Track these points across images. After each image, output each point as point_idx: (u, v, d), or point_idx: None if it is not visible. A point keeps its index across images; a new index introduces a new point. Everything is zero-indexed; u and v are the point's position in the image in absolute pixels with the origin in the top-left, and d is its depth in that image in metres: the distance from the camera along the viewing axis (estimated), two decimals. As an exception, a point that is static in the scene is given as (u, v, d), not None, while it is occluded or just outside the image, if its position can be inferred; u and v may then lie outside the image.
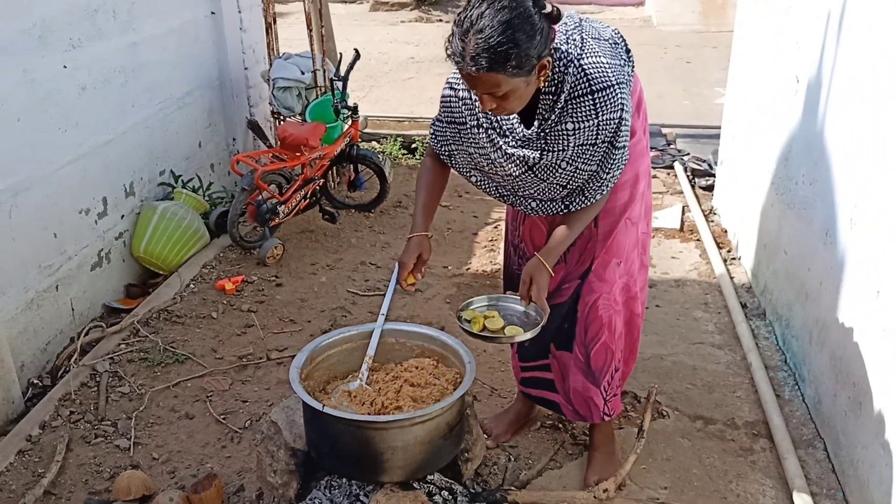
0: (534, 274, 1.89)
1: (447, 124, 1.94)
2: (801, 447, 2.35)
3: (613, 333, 2.10)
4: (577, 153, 1.80)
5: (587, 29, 1.84)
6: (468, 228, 4.05)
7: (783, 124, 3.01)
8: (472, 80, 1.65)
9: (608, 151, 1.82)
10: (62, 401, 2.55)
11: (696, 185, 4.55)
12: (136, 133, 3.46)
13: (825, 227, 2.47)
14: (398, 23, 10.13)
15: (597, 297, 2.06)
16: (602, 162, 1.84)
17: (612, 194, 2.00)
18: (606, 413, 2.20)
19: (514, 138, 1.83)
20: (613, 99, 1.75)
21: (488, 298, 2.02)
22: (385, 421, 1.80)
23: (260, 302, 3.24)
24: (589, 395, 2.16)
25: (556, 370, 2.22)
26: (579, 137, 1.77)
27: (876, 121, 2.13)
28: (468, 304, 2.01)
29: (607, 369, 2.14)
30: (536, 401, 2.34)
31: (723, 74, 7.15)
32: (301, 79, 4.05)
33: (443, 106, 1.93)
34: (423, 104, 6.35)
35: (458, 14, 1.65)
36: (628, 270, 2.09)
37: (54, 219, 2.93)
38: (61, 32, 2.93)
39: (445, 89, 1.91)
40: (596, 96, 1.73)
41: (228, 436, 2.43)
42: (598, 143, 1.79)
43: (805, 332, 2.61)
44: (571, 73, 1.74)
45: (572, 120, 1.75)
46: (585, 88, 1.74)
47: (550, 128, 1.78)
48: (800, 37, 2.87)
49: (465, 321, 1.94)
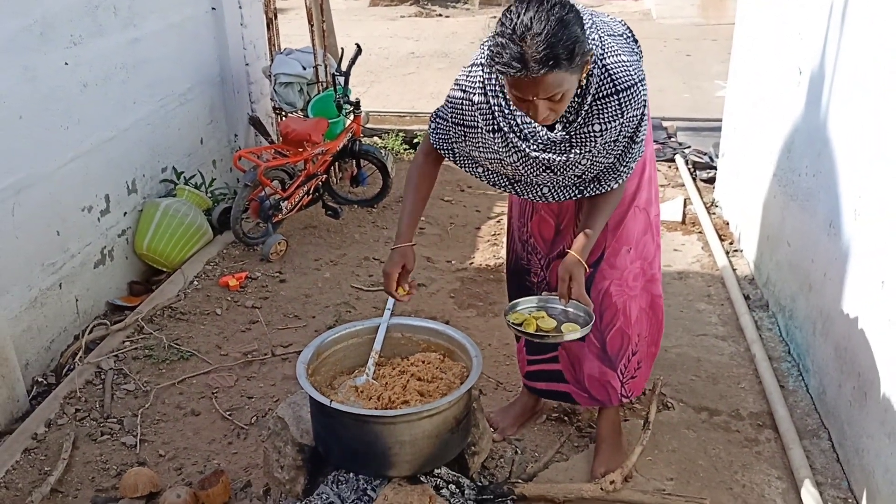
0: (572, 271, 1.87)
1: (453, 124, 1.90)
2: (805, 437, 2.35)
3: (629, 318, 2.12)
4: (600, 151, 1.81)
5: (600, 26, 1.84)
6: (471, 223, 4.05)
7: (785, 116, 3.01)
8: (532, 86, 1.59)
9: (627, 146, 1.84)
10: (67, 399, 2.56)
11: (697, 178, 4.55)
12: (138, 130, 3.46)
13: (829, 219, 2.47)
14: (398, 18, 10.11)
15: (608, 283, 2.08)
16: (621, 155, 1.85)
17: None
18: (624, 395, 2.22)
19: (537, 142, 1.80)
20: (637, 97, 1.75)
21: (537, 300, 1.99)
22: (393, 415, 1.80)
23: (264, 298, 3.24)
24: (606, 380, 2.18)
25: (565, 360, 2.22)
26: (606, 138, 1.78)
27: (879, 112, 2.13)
28: (514, 307, 1.98)
29: (623, 353, 2.17)
30: (543, 394, 2.35)
31: (723, 67, 7.16)
32: (302, 74, 4.04)
33: (451, 107, 1.88)
34: (424, 99, 6.34)
35: (502, 24, 1.59)
36: (642, 254, 2.11)
37: (57, 216, 2.93)
38: (62, 29, 2.93)
39: (455, 91, 1.86)
40: (621, 96, 1.73)
41: (234, 432, 2.43)
42: (619, 139, 1.80)
43: (809, 322, 2.62)
44: (596, 73, 1.73)
45: (599, 121, 1.75)
46: (610, 88, 1.73)
47: (577, 130, 1.77)
48: (802, 28, 2.87)
49: (516, 325, 1.91)
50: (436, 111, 1.96)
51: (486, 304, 3.23)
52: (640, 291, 2.14)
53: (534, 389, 2.35)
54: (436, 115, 1.96)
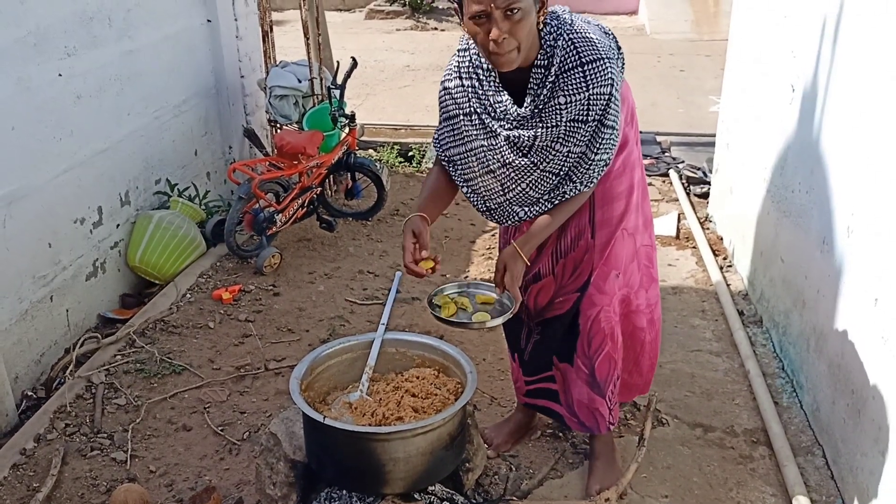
0: (507, 262, 1.89)
1: (443, 122, 1.95)
2: (800, 454, 2.35)
3: (616, 343, 2.10)
4: (568, 130, 1.79)
5: (577, 19, 1.86)
6: (465, 236, 4.05)
7: (779, 133, 3.03)
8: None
9: (597, 130, 1.80)
10: (57, 413, 2.52)
11: (691, 193, 4.57)
12: (132, 141, 3.45)
13: (822, 235, 2.49)
14: (393, 31, 10.15)
15: (598, 310, 2.05)
16: (591, 141, 1.81)
17: (608, 205, 2.00)
18: (612, 422, 2.20)
19: (509, 120, 1.83)
20: (603, 72, 1.75)
21: (459, 285, 2.02)
22: (386, 432, 1.79)
23: (257, 311, 3.23)
24: (595, 407, 2.16)
25: (560, 381, 2.21)
26: (571, 112, 1.77)
27: (872, 129, 2.15)
28: (440, 291, 1.99)
29: (611, 379, 2.15)
30: (542, 410, 2.33)
31: (716, 83, 7.23)
32: (298, 87, 4.05)
33: (439, 105, 1.95)
34: (420, 112, 6.36)
35: None
36: (628, 282, 2.08)
37: (49, 228, 2.91)
38: (56, 41, 2.92)
39: (440, 89, 1.93)
40: (586, 69, 1.74)
41: (227, 447, 2.41)
42: (588, 121, 1.78)
43: (803, 339, 2.62)
44: (561, 45, 1.76)
45: (564, 94, 1.76)
46: (575, 61, 1.75)
47: (544, 104, 1.79)
48: (795, 45, 2.89)
49: (436, 306, 1.92)
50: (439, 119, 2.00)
51: (480, 319, 3.22)
52: (621, 317, 2.13)
53: (533, 406, 2.34)
54: (437, 127, 2.00)
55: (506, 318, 1.88)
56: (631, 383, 2.25)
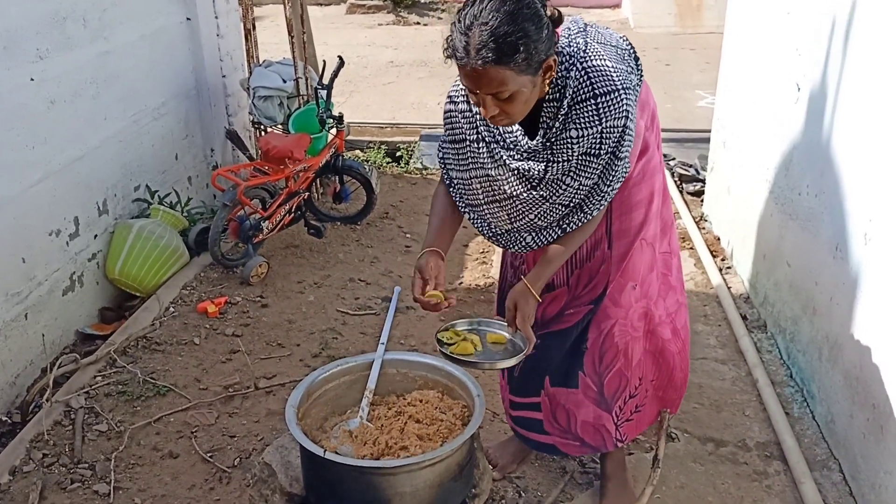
0: (518, 300, 1.78)
1: (448, 143, 1.83)
2: (815, 468, 2.27)
3: (630, 360, 1.99)
4: (580, 164, 1.68)
5: (592, 34, 1.74)
6: (458, 240, 3.92)
7: (782, 133, 2.95)
8: (476, 78, 1.52)
9: (610, 162, 1.70)
10: (34, 442, 2.37)
11: (683, 191, 4.49)
12: (109, 147, 3.28)
13: (834, 241, 2.40)
14: (375, 25, 9.97)
15: (612, 323, 1.95)
16: (603, 174, 1.71)
17: (627, 214, 1.89)
18: (619, 438, 2.09)
19: (518, 151, 1.71)
20: (618, 104, 1.63)
21: (469, 322, 1.90)
22: (392, 466, 1.67)
23: (245, 325, 3.08)
24: (601, 423, 2.05)
25: (546, 408, 2.07)
26: (583, 146, 1.66)
27: (891, 131, 2.06)
28: (451, 326, 1.88)
29: (620, 395, 2.04)
30: (529, 443, 2.19)
31: (703, 77, 7.19)
32: (283, 87, 3.90)
33: (445, 123, 1.82)
34: (405, 109, 6.22)
35: (457, 14, 1.54)
36: (646, 293, 1.97)
37: (22, 242, 2.74)
38: (27, 43, 2.75)
39: (446, 104, 1.80)
40: (599, 101, 1.63)
41: (216, 476, 2.28)
42: (601, 154, 1.67)
43: (814, 347, 2.54)
44: (574, 76, 1.63)
45: (576, 126, 1.65)
46: (588, 93, 1.63)
47: (556, 136, 1.67)
48: (800, 43, 2.81)
49: (445, 344, 1.81)
50: (442, 136, 1.87)
51: (477, 328, 3.11)
52: (645, 333, 2.01)
53: (521, 437, 2.20)
54: (441, 139, 1.87)
55: (519, 360, 1.76)
56: (665, 399, 2.14)
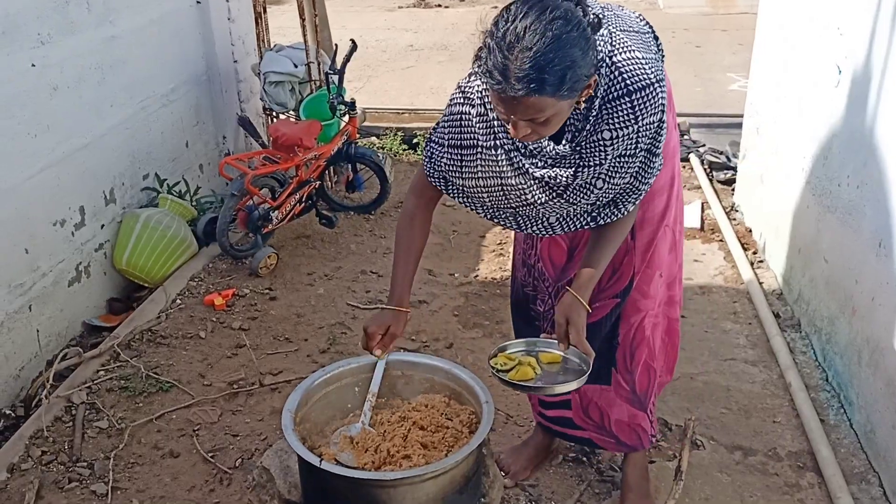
0: (569, 314, 1.63)
1: (450, 148, 1.63)
2: (852, 482, 2.12)
3: (654, 350, 1.91)
4: (614, 166, 1.54)
5: (611, 19, 1.58)
6: (475, 230, 3.79)
7: (821, 119, 2.75)
8: (511, 104, 1.37)
9: (646, 160, 1.57)
10: (33, 439, 2.31)
11: (713, 180, 4.29)
12: (116, 135, 3.20)
13: (877, 237, 2.22)
14: (395, 8, 9.80)
15: (643, 316, 1.85)
16: (639, 172, 1.59)
17: (650, 201, 1.76)
18: (654, 434, 2.02)
19: (543, 158, 1.55)
20: (654, 99, 1.49)
21: (519, 344, 1.76)
22: (392, 479, 1.57)
23: (252, 318, 3.00)
24: (637, 423, 1.97)
25: (576, 405, 2.00)
26: (618, 148, 1.51)
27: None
28: (502, 349, 1.74)
29: (651, 390, 1.97)
30: (564, 437, 2.12)
31: (735, 59, 6.90)
32: (294, 72, 3.78)
33: (448, 125, 1.62)
34: (424, 94, 6.07)
35: (496, 24, 1.37)
36: (668, 277, 1.89)
37: (25, 233, 2.68)
38: (28, 27, 2.67)
39: (458, 103, 1.59)
40: (634, 98, 1.48)
41: (217, 477, 2.19)
42: (636, 153, 1.54)
43: (853, 350, 2.37)
44: (604, 73, 1.48)
45: (609, 127, 1.50)
46: (622, 89, 1.48)
47: (585, 139, 1.52)
48: (841, 23, 2.60)
49: (500, 371, 1.68)
50: (429, 135, 1.69)
51: (492, 323, 2.99)
52: (664, 317, 1.93)
53: (553, 432, 2.12)
54: (430, 139, 1.69)
55: (584, 381, 1.61)
56: (663, 382, 2.05)
